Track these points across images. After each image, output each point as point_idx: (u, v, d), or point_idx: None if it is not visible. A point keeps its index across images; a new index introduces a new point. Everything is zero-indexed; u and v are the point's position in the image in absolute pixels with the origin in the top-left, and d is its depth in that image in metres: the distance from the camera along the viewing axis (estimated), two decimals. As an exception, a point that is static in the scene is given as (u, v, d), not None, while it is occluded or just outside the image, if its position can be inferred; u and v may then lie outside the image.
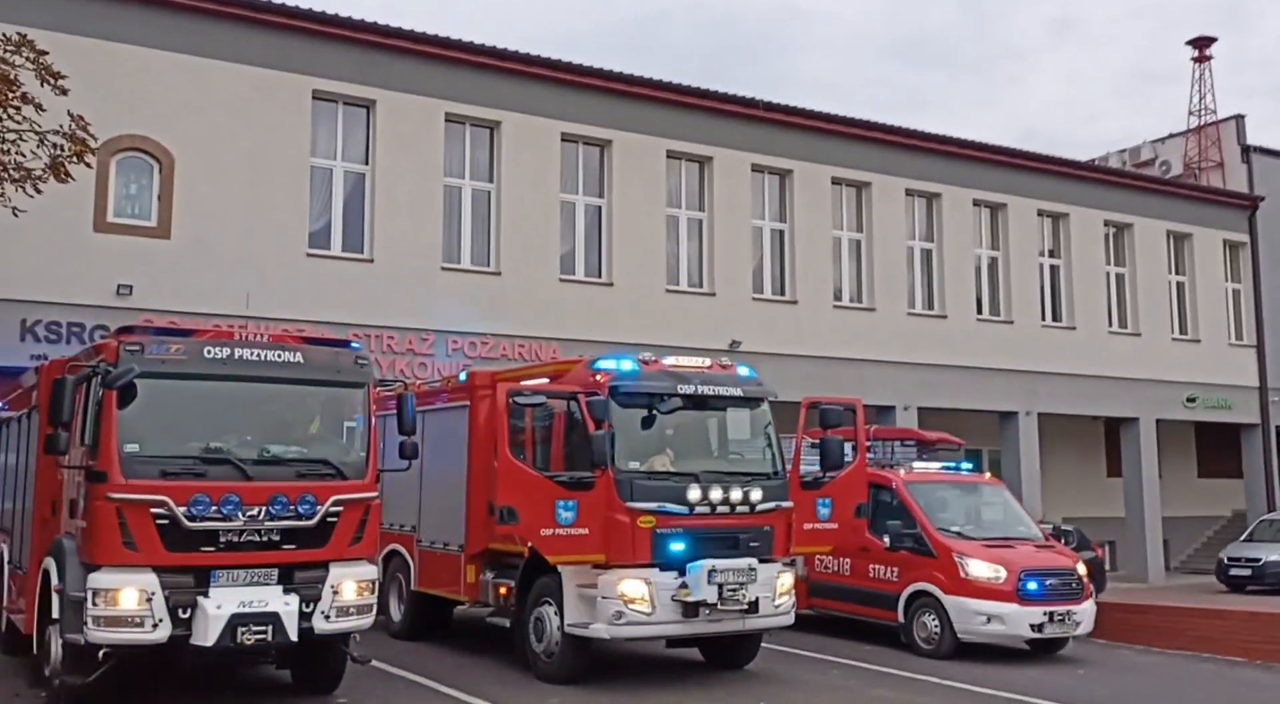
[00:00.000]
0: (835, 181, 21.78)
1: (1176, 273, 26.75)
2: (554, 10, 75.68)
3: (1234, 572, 22.09)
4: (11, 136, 11.48)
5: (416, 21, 21.38)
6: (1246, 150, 28.48)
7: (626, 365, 10.62)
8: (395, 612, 13.16)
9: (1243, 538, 23.61)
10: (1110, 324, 25.22)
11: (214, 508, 8.37)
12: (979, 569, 12.74)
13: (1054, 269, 24.76)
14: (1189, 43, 32.30)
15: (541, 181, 18.61)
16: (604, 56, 68.80)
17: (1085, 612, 13.07)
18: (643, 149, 19.58)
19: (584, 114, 19.08)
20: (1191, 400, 25.86)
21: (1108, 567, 22.25)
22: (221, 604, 8.30)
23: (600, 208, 19.39)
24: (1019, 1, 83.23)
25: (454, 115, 18.07)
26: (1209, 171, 28.96)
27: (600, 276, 19.18)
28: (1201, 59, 31.83)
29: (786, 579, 10.91)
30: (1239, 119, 29.06)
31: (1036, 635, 12.76)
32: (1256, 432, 27.05)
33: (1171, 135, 30.68)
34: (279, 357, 9.07)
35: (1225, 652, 13.93)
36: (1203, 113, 30.46)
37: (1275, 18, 72.26)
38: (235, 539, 8.47)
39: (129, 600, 8.12)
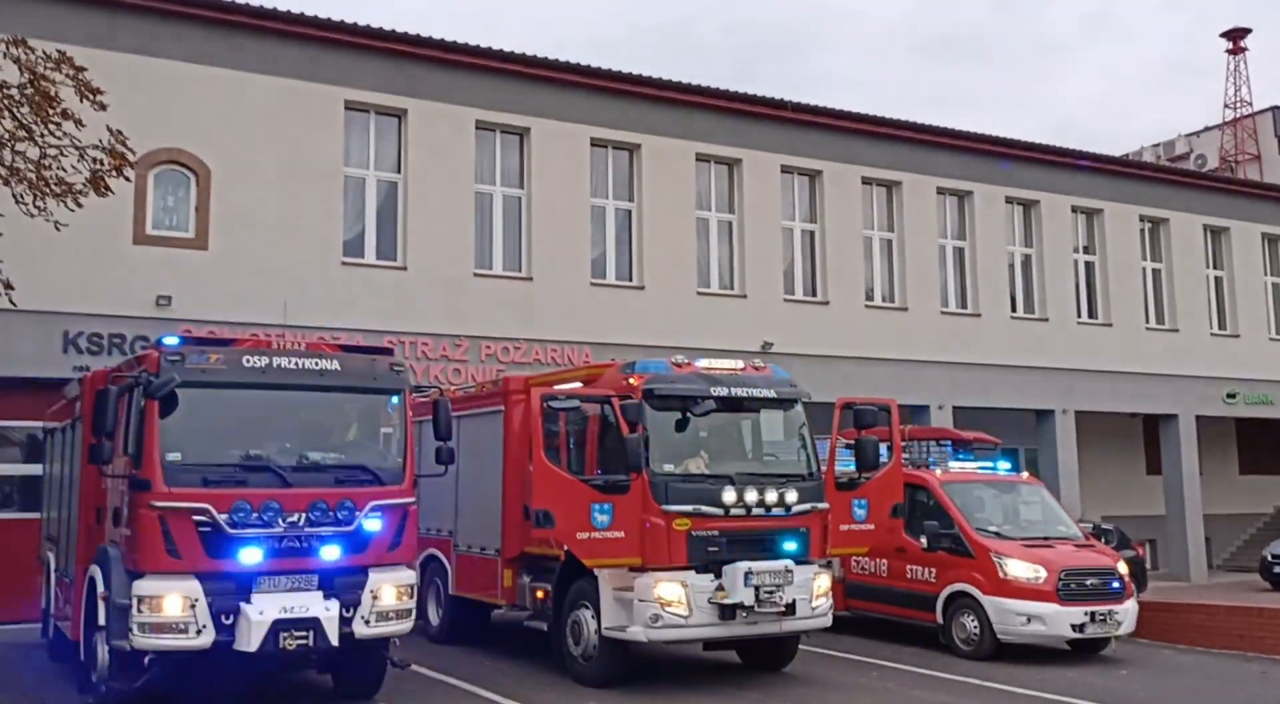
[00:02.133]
0: (866, 181, 21.69)
1: (1214, 267, 26.41)
2: (585, 16, 76.10)
3: (1278, 569, 21.74)
4: (53, 152, 11.68)
5: (447, 30, 21.60)
6: (1285, 142, 28.11)
7: (660, 368, 10.64)
8: (433, 616, 13.25)
9: (1287, 535, 23.26)
10: (1147, 320, 24.94)
11: (255, 515, 8.48)
12: (1018, 569, 12.63)
13: (1089, 265, 24.52)
14: (1224, 34, 31.99)
15: (571, 186, 18.69)
16: (635, 60, 69.10)
17: (1127, 611, 12.91)
18: (672, 152, 19.61)
19: (613, 118, 19.14)
20: (1231, 396, 25.49)
21: (1148, 565, 21.99)
22: (263, 610, 8.41)
23: (630, 211, 19.43)
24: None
25: (484, 122, 18.19)
26: (1246, 164, 28.63)
27: (631, 280, 19.22)
28: (1236, 51, 31.48)
29: (823, 581, 10.87)
30: (1276, 111, 28.72)
31: (1078, 636, 12.62)
32: (1299, 427, 26.67)
33: (1207, 128, 30.36)
34: (316, 364, 9.19)
35: (1271, 651, 13.69)
36: (1238, 105, 30.15)
37: (1312, 7, 71.06)
38: (276, 545, 8.57)
39: (173, 607, 8.25)
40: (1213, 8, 73.52)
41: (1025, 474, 15.96)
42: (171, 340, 9.14)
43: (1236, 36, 31.67)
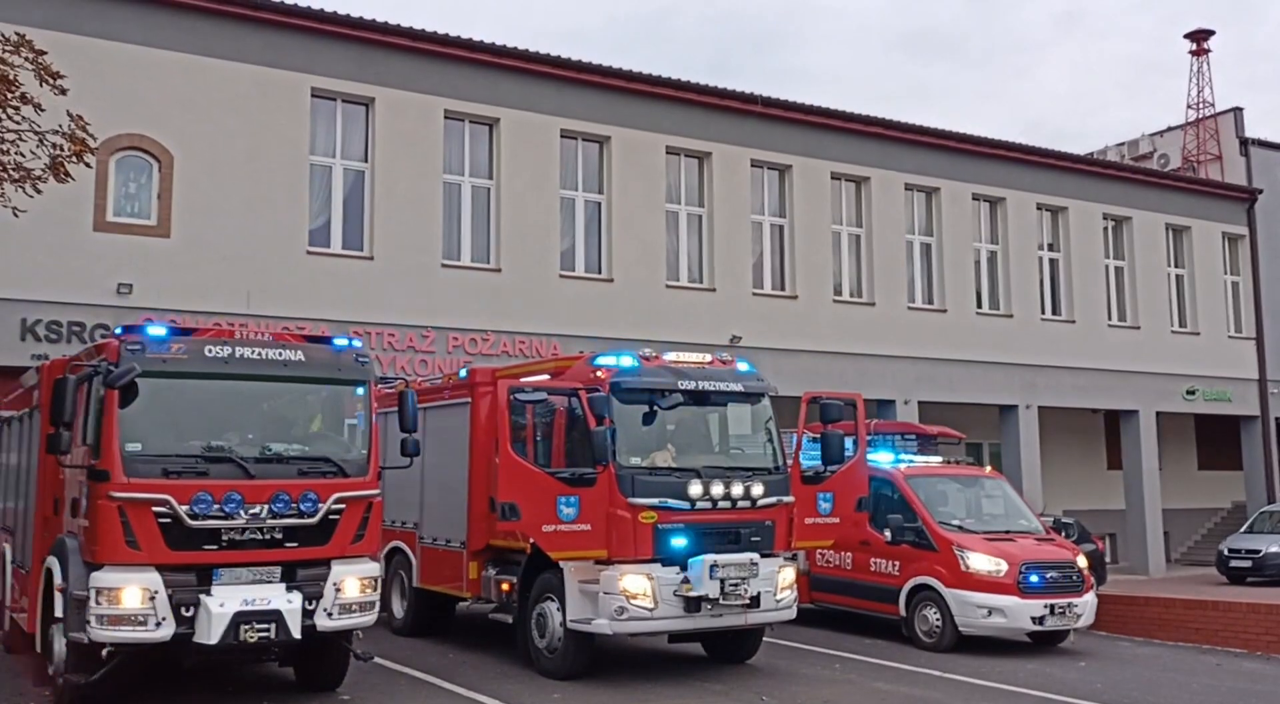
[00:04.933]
0: (834, 176, 21.77)
1: (1175, 266, 26.76)
2: (564, 5, 75.69)
3: (1234, 563, 22.09)
4: (11, 137, 11.46)
5: (424, 18, 21.44)
6: (1245, 143, 28.48)
7: (627, 361, 10.64)
8: (398, 608, 13.19)
9: (1243, 530, 23.61)
10: (1109, 317, 25.23)
11: (216, 506, 8.39)
12: (980, 562, 12.77)
13: (1053, 263, 24.77)
14: (1187, 36, 32.29)
15: (541, 178, 18.61)
16: (613, 51, 68.80)
17: (1086, 604, 13.10)
18: (642, 145, 19.57)
19: (583, 110, 19.07)
20: (1191, 393, 25.88)
21: (1108, 559, 22.29)
22: (224, 602, 8.33)
23: (600, 204, 19.39)
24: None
25: (453, 112, 18.07)
26: (1207, 164, 28.96)
27: (600, 272, 19.19)
28: (1199, 52, 31.81)
29: (788, 574, 10.93)
30: (1237, 112, 29.06)
31: (1037, 628, 12.79)
32: (1256, 423, 27.08)
33: (1170, 128, 30.68)
34: (280, 355, 9.10)
35: (1226, 643, 13.95)
36: (1200, 106, 30.46)
37: (1279, 8, 72.15)
38: (238, 537, 8.49)
39: (132, 599, 8.15)
40: (1181, 7, 74.34)
41: (988, 468, 16.12)
42: (158, 330, 8.90)
43: (1199, 38, 31.99)
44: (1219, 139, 29.03)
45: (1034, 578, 12.72)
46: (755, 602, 10.34)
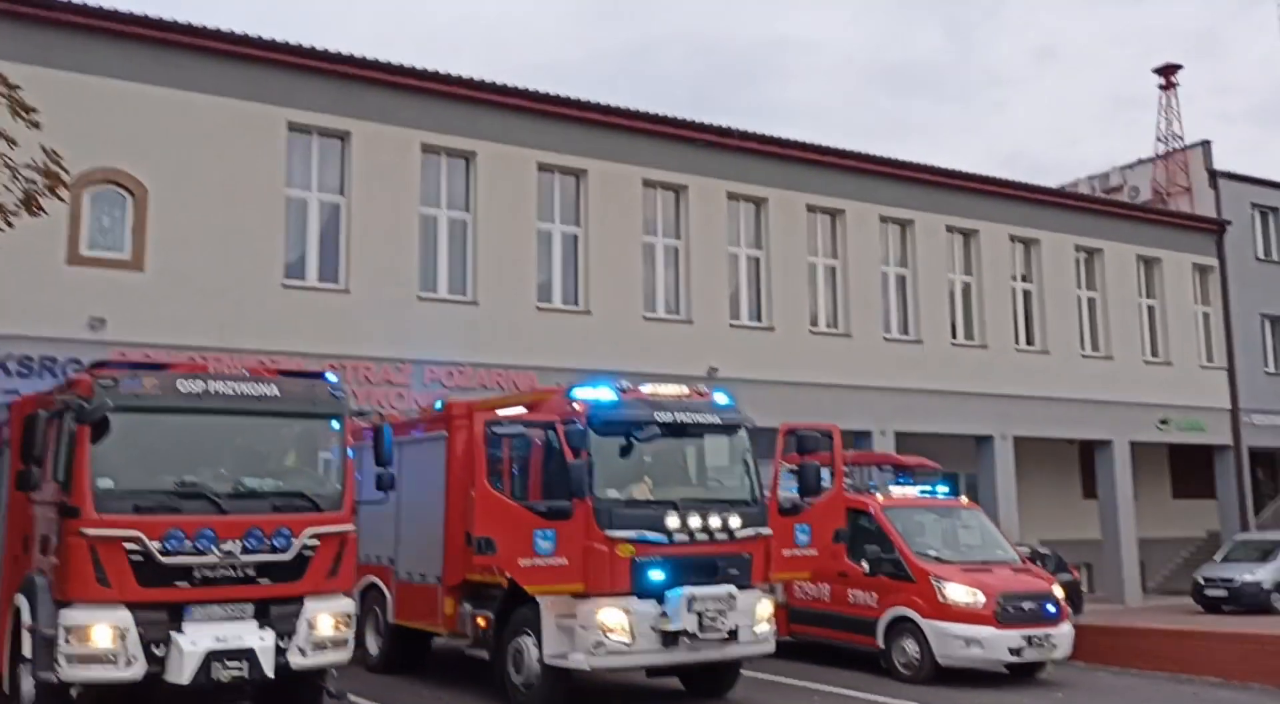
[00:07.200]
0: (810, 209, 21.94)
1: (1147, 296, 27.05)
2: (545, 41, 76.12)
3: (1210, 592, 22.20)
4: (-17, 171, 11.40)
5: (407, 53, 21.50)
6: (1214, 175, 28.93)
7: (604, 394, 10.65)
8: (372, 645, 13.04)
9: (1218, 559, 23.75)
10: (1083, 348, 25.45)
11: (188, 543, 8.31)
12: (957, 593, 12.78)
13: (1026, 294, 25.00)
14: (1156, 70, 32.86)
15: (518, 211, 18.66)
16: (595, 86, 69.09)
17: (1063, 635, 13.13)
18: (619, 178, 19.68)
19: (560, 143, 19.17)
20: (1164, 422, 26.09)
21: (1084, 589, 22.35)
22: (196, 640, 8.24)
23: (577, 236, 19.44)
24: (1003, 30, 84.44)
25: (430, 145, 18.12)
26: (1177, 197, 29.38)
27: (577, 305, 19.21)
28: (1168, 86, 32.37)
29: (766, 606, 10.90)
30: (1205, 145, 29.54)
31: (1015, 659, 12.79)
32: (1229, 453, 27.31)
33: (1140, 161, 31.14)
34: (254, 389, 9.06)
35: (1203, 673, 13.99)
36: (1170, 139, 30.95)
37: (1249, 43, 73.66)
38: (210, 574, 8.42)
39: (102, 637, 8.05)
40: (1156, 42, 75.81)
41: (964, 499, 16.17)
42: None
43: (1168, 73, 32.58)
44: (1188, 171, 29.50)
45: (1011, 609, 12.73)
46: (733, 635, 10.30)
